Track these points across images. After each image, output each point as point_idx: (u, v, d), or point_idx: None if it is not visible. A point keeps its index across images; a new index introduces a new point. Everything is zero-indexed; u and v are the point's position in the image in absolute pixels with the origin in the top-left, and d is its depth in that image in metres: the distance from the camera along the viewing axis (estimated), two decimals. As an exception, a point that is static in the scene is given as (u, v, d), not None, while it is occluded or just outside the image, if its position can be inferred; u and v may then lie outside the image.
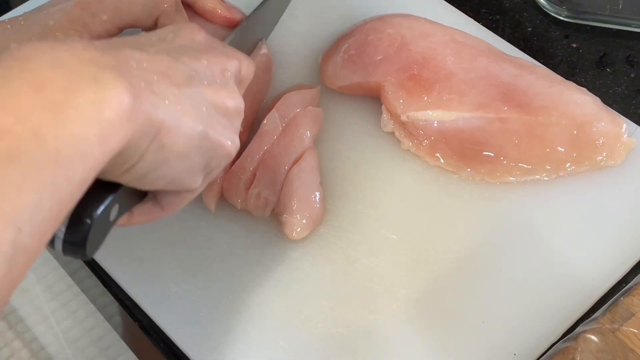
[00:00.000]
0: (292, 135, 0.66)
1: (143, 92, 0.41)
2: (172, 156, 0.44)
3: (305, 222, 0.64)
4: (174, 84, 0.44)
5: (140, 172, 0.43)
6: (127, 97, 0.39)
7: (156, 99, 0.42)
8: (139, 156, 0.42)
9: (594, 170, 0.66)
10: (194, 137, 0.45)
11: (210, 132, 0.46)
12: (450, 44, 0.70)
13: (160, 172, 0.44)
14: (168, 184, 0.47)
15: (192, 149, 0.45)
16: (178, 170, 0.46)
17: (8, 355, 1.19)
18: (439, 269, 0.62)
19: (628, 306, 0.57)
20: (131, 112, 0.39)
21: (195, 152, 0.46)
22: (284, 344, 0.59)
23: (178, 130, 0.43)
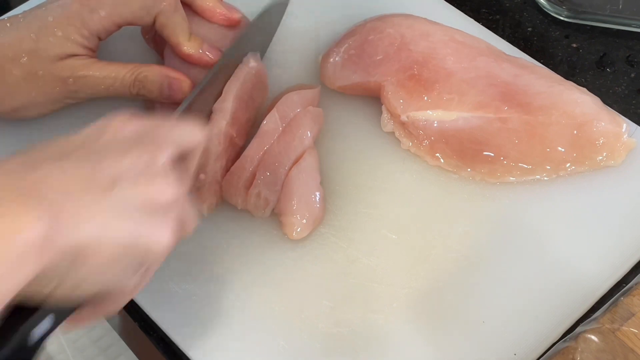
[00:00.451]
0: (293, 135, 0.66)
1: (59, 215, 0.39)
2: (96, 270, 0.43)
3: (306, 222, 0.64)
4: (96, 195, 0.42)
5: (63, 291, 0.42)
6: (40, 226, 0.38)
7: (74, 219, 0.40)
8: (59, 278, 0.41)
9: (594, 170, 0.67)
10: (119, 247, 0.43)
11: (138, 236, 0.44)
12: (450, 44, 0.70)
13: (87, 287, 0.43)
14: (99, 292, 0.45)
15: (119, 258, 0.44)
16: (106, 280, 0.44)
17: (8, 355, 1.19)
18: (439, 268, 0.62)
19: (628, 306, 0.57)
20: (44, 240, 0.38)
21: (123, 260, 0.44)
22: (284, 343, 0.59)
23: (100, 245, 0.42)
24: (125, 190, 0.44)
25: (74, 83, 0.67)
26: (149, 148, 0.47)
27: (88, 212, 0.41)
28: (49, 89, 0.67)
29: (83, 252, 0.41)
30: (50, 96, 0.67)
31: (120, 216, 0.43)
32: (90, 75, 0.67)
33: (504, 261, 0.62)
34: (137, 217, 0.44)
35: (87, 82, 0.67)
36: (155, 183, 0.46)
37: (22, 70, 0.66)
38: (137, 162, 0.46)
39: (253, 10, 0.74)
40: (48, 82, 0.67)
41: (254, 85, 0.70)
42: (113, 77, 0.67)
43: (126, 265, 0.45)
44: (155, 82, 0.67)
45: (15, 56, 0.65)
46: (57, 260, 0.39)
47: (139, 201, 0.45)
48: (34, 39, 0.66)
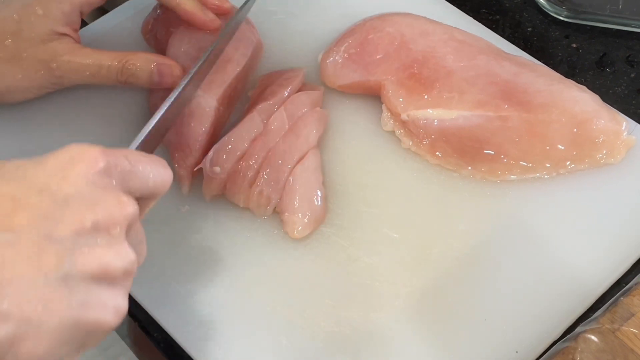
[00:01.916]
0: (298, 134, 0.66)
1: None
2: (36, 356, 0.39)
3: (307, 220, 0.64)
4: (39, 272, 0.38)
5: None
6: None
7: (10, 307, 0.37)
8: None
9: (594, 168, 0.67)
10: (62, 331, 0.39)
11: (85, 315, 0.40)
12: (450, 42, 0.70)
13: None
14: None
15: (61, 342, 0.40)
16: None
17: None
18: (441, 267, 0.62)
19: (628, 306, 0.57)
20: None
21: (65, 343, 0.40)
22: (286, 342, 0.59)
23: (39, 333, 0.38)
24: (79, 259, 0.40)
25: (58, 68, 0.67)
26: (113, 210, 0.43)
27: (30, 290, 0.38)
28: (33, 72, 0.66)
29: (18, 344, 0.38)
30: (35, 81, 0.67)
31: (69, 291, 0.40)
32: (74, 61, 0.67)
33: (504, 259, 0.62)
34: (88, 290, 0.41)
35: (72, 67, 0.67)
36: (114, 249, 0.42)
37: (7, 52, 0.65)
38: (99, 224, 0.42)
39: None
40: (32, 65, 0.66)
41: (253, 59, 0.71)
42: (99, 64, 0.67)
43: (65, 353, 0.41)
44: (144, 69, 0.67)
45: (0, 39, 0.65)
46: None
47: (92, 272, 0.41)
48: (17, 19, 0.66)
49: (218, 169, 0.64)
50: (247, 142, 0.65)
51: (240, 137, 0.65)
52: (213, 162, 0.64)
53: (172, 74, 0.67)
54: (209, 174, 0.64)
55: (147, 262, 0.63)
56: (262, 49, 0.75)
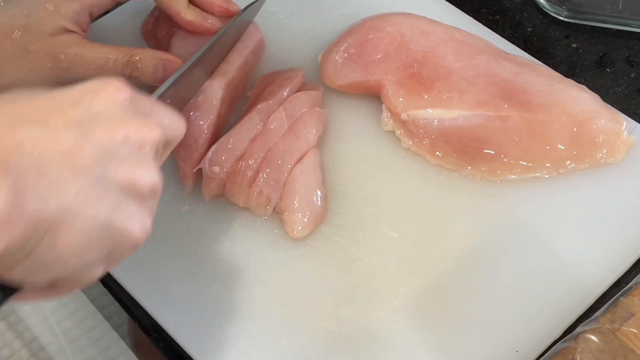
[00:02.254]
0: (298, 134, 0.66)
1: (30, 187, 0.37)
2: (65, 253, 0.40)
3: (307, 220, 0.64)
4: (76, 168, 0.39)
5: (26, 270, 0.39)
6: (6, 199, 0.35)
7: (47, 192, 0.38)
8: (25, 255, 0.38)
9: (594, 167, 0.67)
10: (93, 229, 0.40)
11: (114, 220, 0.41)
12: (450, 42, 0.70)
13: (51, 269, 0.40)
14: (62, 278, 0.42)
15: (91, 242, 0.41)
16: (73, 266, 0.41)
17: (8, 355, 1.18)
18: (441, 266, 0.62)
19: (628, 306, 0.57)
20: (9, 215, 0.36)
21: (95, 245, 0.41)
22: (287, 342, 0.59)
23: (74, 225, 0.39)
24: (109, 169, 0.41)
25: (66, 59, 0.67)
26: (143, 127, 0.44)
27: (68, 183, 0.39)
28: (41, 65, 0.67)
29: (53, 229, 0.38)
30: (41, 73, 0.67)
31: (102, 193, 0.41)
32: (82, 54, 0.67)
33: (504, 259, 0.62)
34: (118, 198, 0.42)
35: (79, 60, 0.67)
36: (142, 166, 0.44)
37: (14, 46, 0.66)
38: (130, 139, 0.43)
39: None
40: (39, 58, 0.66)
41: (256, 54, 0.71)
42: (106, 57, 0.67)
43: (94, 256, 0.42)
44: (149, 64, 0.67)
45: (8, 32, 0.66)
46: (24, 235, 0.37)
47: (123, 182, 0.42)
48: (26, 14, 0.66)
49: (217, 169, 0.64)
50: (246, 142, 0.66)
51: (240, 137, 0.65)
52: (212, 162, 0.64)
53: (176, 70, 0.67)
54: (209, 174, 0.64)
55: (147, 263, 0.63)
56: (263, 47, 0.75)
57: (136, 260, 0.63)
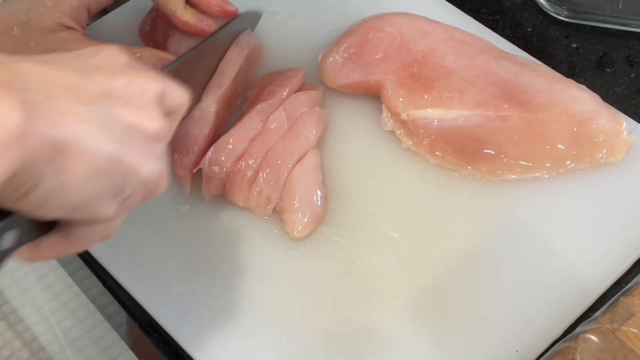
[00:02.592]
0: (298, 134, 0.66)
1: (39, 108, 0.37)
2: (75, 180, 0.40)
3: (307, 220, 0.64)
4: (80, 101, 0.40)
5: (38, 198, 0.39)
6: (17, 114, 0.35)
7: (55, 115, 0.38)
8: (36, 179, 0.38)
9: (594, 167, 0.67)
10: (101, 159, 0.40)
11: (122, 154, 0.42)
12: (450, 42, 0.70)
13: (62, 199, 0.40)
14: (73, 212, 0.42)
15: (100, 172, 0.41)
16: (84, 197, 0.41)
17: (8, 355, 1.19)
18: (440, 266, 0.62)
19: (628, 306, 0.57)
20: (22, 130, 0.35)
21: (104, 177, 0.41)
22: (286, 341, 0.59)
23: (82, 151, 0.39)
24: (112, 107, 0.42)
25: None
26: (142, 79, 0.45)
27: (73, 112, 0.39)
28: None
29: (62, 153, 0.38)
30: None
31: (107, 128, 0.41)
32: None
33: (504, 259, 0.62)
34: (123, 136, 0.42)
35: None
36: (145, 111, 0.44)
37: (14, 42, 0.66)
38: (130, 85, 0.44)
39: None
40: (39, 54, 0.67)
41: (251, 61, 0.71)
42: None
43: (105, 189, 0.42)
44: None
45: (8, 29, 0.66)
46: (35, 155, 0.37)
47: (127, 122, 0.42)
48: (25, 10, 0.66)
49: (217, 169, 0.64)
50: (246, 142, 0.65)
51: (239, 137, 0.65)
52: (212, 161, 0.64)
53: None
54: (208, 174, 0.64)
55: (147, 263, 0.63)
56: (261, 51, 0.75)
57: (136, 260, 0.64)
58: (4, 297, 1.29)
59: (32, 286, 1.27)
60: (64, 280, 1.26)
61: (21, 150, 0.36)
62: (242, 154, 0.65)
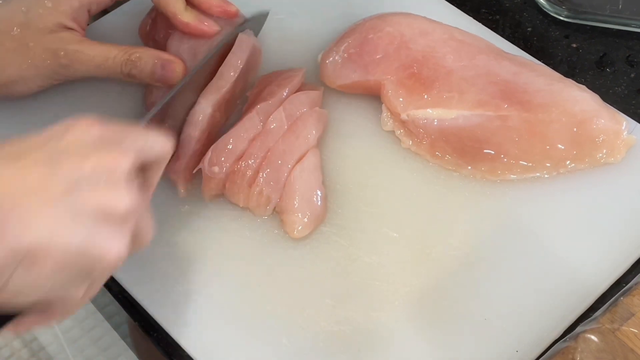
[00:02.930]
0: (298, 134, 0.66)
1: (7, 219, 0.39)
2: (43, 276, 0.42)
3: (307, 220, 0.64)
4: (46, 200, 0.42)
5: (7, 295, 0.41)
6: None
7: (23, 223, 0.40)
8: (4, 281, 0.40)
9: (594, 167, 0.67)
10: (69, 252, 0.43)
11: (88, 246, 0.44)
12: (450, 42, 0.70)
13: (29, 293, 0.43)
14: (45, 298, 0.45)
15: (68, 264, 0.43)
16: (51, 288, 0.44)
17: (8, 355, 1.18)
18: (441, 266, 0.62)
19: (628, 306, 0.57)
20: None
21: (71, 267, 0.44)
22: (287, 341, 0.59)
23: (50, 250, 0.41)
24: (81, 196, 0.43)
25: (65, 56, 0.67)
26: (112, 154, 0.46)
27: (39, 215, 0.41)
28: (40, 61, 0.67)
29: (30, 255, 0.41)
30: (41, 70, 0.68)
31: (73, 222, 0.43)
32: (82, 51, 0.67)
33: (504, 259, 0.62)
34: (90, 225, 0.44)
35: (79, 57, 0.67)
36: (114, 191, 0.45)
37: (13, 42, 0.66)
38: (98, 168, 0.45)
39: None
40: (38, 55, 0.67)
41: (251, 63, 0.71)
42: (105, 55, 0.68)
43: (73, 275, 0.44)
44: (148, 63, 0.68)
45: (7, 29, 0.66)
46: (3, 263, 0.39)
47: (95, 208, 0.44)
48: (25, 11, 0.67)
49: (217, 169, 0.64)
50: (246, 142, 0.65)
51: (239, 137, 0.65)
52: (212, 162, 0.64)
53: (175, 70, 0.68)
54: (208, 174, 0.64)
55: (147, 262, 0.63)
56: (260, 54, 0.74)
57: (136, 260, 0.63)
58: (4, 297, 1.29)
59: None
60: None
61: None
62: (242, 154, 0.65)
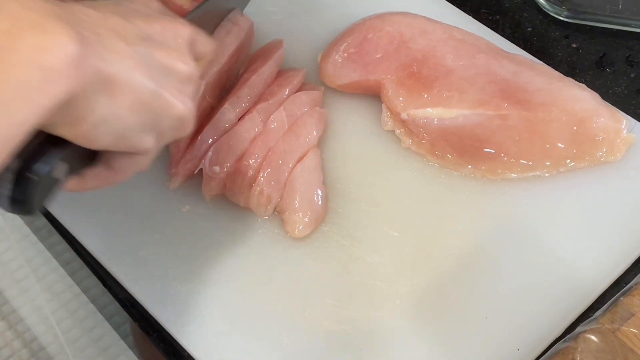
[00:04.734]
0: (299, 134, 0.66)
1: (91, 43, 0.41)
2: (122, 110, 0.44)
3: (308, 220, 0.64)
4: (124, 41, 0.44)
5: (89, 125, 0.43)
6: (73, 45, 0.38)
7: (105, 51, 0.42)
8: (87, 107, 0.42)
9: (594, 166, 0.67)
10: (144, 93, 0.45)
11: (161, 90, 0.47)
12: (450, 42, 0.70)
13: (110, 127, 0.44)
14: (117, 141, 0.46)
15: (143, 105, 0.45)
16: (128, 126, 0.45)
17: (8, 355, 1.19)
18: (441, 265, 0.62)
19: (628, 306, 0.57)
20: (78, 61, 0.39)
21: (146, 109, 0.46)
22: (288, 341, 0.59)
23: (128, 84, 0.44)
24: (151, 48, 0.47)
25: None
26: (175, 25, 0.50)
27: (120, 51, 0.43)
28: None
29: (110, 85, 0.42)
30: None
31: (147, 67, 0.45)
32: None
33: (505, 257, 0.62)
34: (160, 74, 0.47)
35: None
36: (179, 53, 0.49)
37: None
38: (166, 30, 0.49)
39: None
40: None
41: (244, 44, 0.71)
42: None
43: (145, 120, 0.46)
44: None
45: None
46: (87, 85, 0.40)
47: (164, 63, 0.47)
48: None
49: (217, 169, 0.64)
50: (247, 141, 0.66)
51: (240, 137, 0.65)
52: (212, 161, 0.64)
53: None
54: (209, 174, 0.64)
55: (147, 263, 0.63)
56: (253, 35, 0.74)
57: (137, 260, 0.64)
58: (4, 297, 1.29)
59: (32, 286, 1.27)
60: (64, 280, 1.26)
61: (75, 78, 0.39)
62: (242, 154, 0.65)
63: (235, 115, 0.67)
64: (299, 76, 0.71)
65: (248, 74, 0.69)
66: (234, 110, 0.67)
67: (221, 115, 0.66)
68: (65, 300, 1.26)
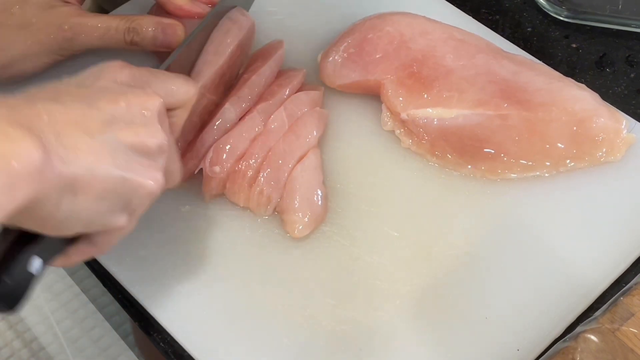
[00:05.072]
0: (299, 134, 0.66)
1: (54, 148, 0.42)
2: (86, 203, 0.45)
3: (308, 220, 0.64)
4: (87, 133, 0.45)
5: (54, 220, 0.44)
6: (37, 153, 0.40)
7: (67, 153, 0.43)
8: (52, 206, 0.43)
9: (594, 166, 0.67)
10: (109, 182, 0.46)
11: (127, 175, 0.47)
12: (449, 42, 0.70)
13: (76, 218, 0.45)
14: (88, 226, 0.47)
15: (109, 193, 0.46)
16: (96, 214, 0.46)
17: (8, 355, 1.18)
18: (441, 265, 0.62)
19: (628, 306, 0.57)
20: (40, 167, 0.40)
21: (113, 195, 0.47)
22: (288, 341, 0.59)
23: (92, 179, 0.44)
24: (118, 131, 0.47)
25: (69, 29, 0.68)
26: (142, 98, 0.50)
27: (83, 147, 0.44)
28: (44, 36, 0.68)
29: (73, 185, 0.43)
30: (45, 45, 0.69)
31: (113, 154, 0.46)
32: (84, 23, 0.69)
33: (505, 257, 0.62)
34: (128, 157, 0.47)
35: (82, 29, 0.69)
36: (147, 128, 0.49)
37: (15, 20, 0.67)
38: (132, 106, 0.49)
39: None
40: (42, 30, 0.68)
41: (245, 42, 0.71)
42: (107, 25, 0.69)
43: (114, 204, 0.47)
44: (149, 29, 0.69)
45: (6, 7, 0.67)
46: (49, 190, 0.41)
47: (131, 143, 0.48)
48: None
49: (217, 169, 0.64)
50: (247, 141, 0.66)
51: (240, 136, 0.65)
52: (212, 161, 0.64)
53: (176, 33, 0.69)
54: (209, 174, 0.64)
55: (148, 263, 0.63)
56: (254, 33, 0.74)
57: (137, 260, 0.64)
58: (4, 298, 1.29)
59: (32, 286, 1.27)
60: (64, 280, 1.26)
61: (38, 184, 0.40)
62: (242, 154, 0.65)
63: (236, 115, 0.67)
64: (299, 76, 0.71)
65: (248, 74, 0.69)
66: (234, 110, 0.67)
67: (222, 115, 0.66)
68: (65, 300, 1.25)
